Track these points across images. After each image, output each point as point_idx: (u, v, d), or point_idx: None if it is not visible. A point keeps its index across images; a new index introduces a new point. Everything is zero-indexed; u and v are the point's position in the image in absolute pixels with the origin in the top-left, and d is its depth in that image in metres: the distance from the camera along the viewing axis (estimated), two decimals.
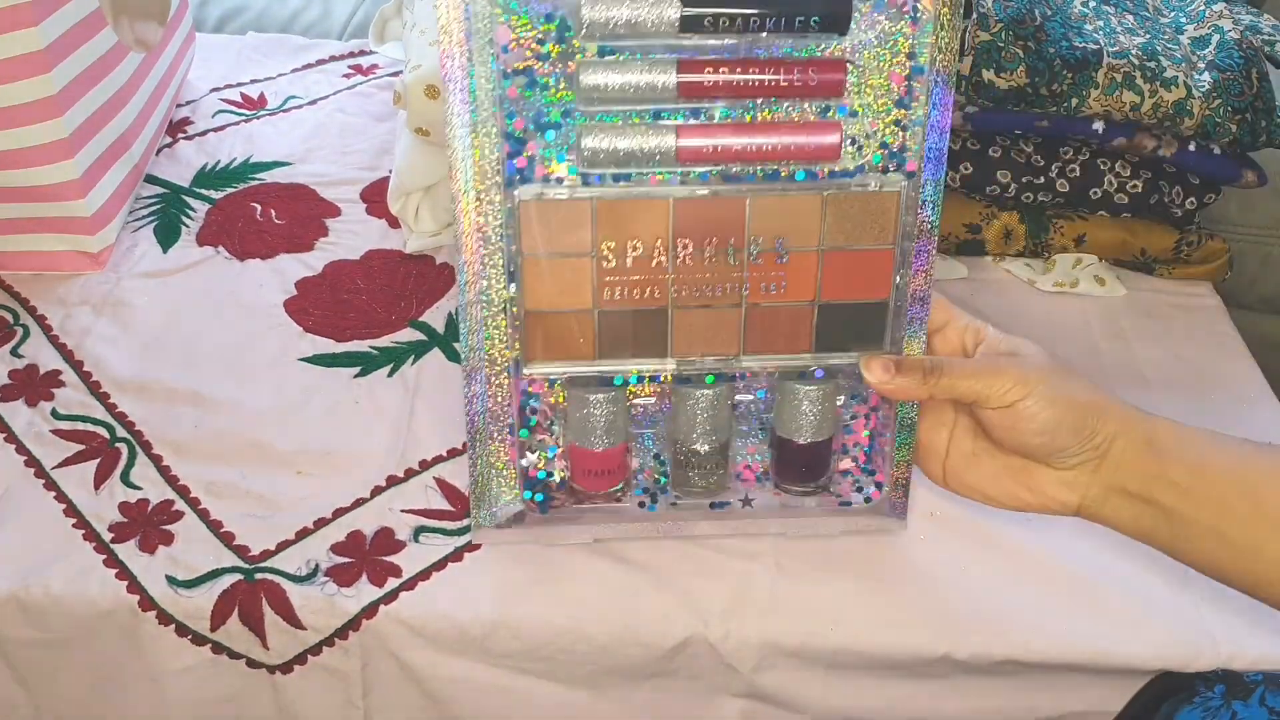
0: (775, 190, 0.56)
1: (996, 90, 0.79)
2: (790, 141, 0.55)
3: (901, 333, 0.59)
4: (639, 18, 0.52)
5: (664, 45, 0.53)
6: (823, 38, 0.54)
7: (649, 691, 0.64)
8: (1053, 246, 0.86)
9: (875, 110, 0.55)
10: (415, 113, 0.80)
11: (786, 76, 0.53)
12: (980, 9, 0.80)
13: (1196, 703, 0.61)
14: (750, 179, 0.56)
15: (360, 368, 0.77)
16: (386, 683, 0.64)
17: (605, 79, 0.53)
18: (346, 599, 0.62)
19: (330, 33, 1.21)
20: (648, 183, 0.56)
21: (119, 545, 0.64)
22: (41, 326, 0.78)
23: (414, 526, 0.66)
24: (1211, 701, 0.60)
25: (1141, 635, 0.62)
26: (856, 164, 0.56)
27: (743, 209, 0.56)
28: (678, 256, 0.57)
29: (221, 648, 0.63)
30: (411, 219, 0.86)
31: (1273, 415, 0.77)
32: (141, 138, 0.89)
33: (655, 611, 0.62)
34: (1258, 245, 0.96)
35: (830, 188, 0.56)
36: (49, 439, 0.70)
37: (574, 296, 0.58)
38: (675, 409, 0.61)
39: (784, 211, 0.57)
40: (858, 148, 0.56)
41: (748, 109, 0.55)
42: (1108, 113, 0.80)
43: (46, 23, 0.72)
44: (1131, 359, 0.81)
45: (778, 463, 0.63)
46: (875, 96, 0.55)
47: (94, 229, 0.81)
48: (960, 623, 0.62)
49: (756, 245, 0.57)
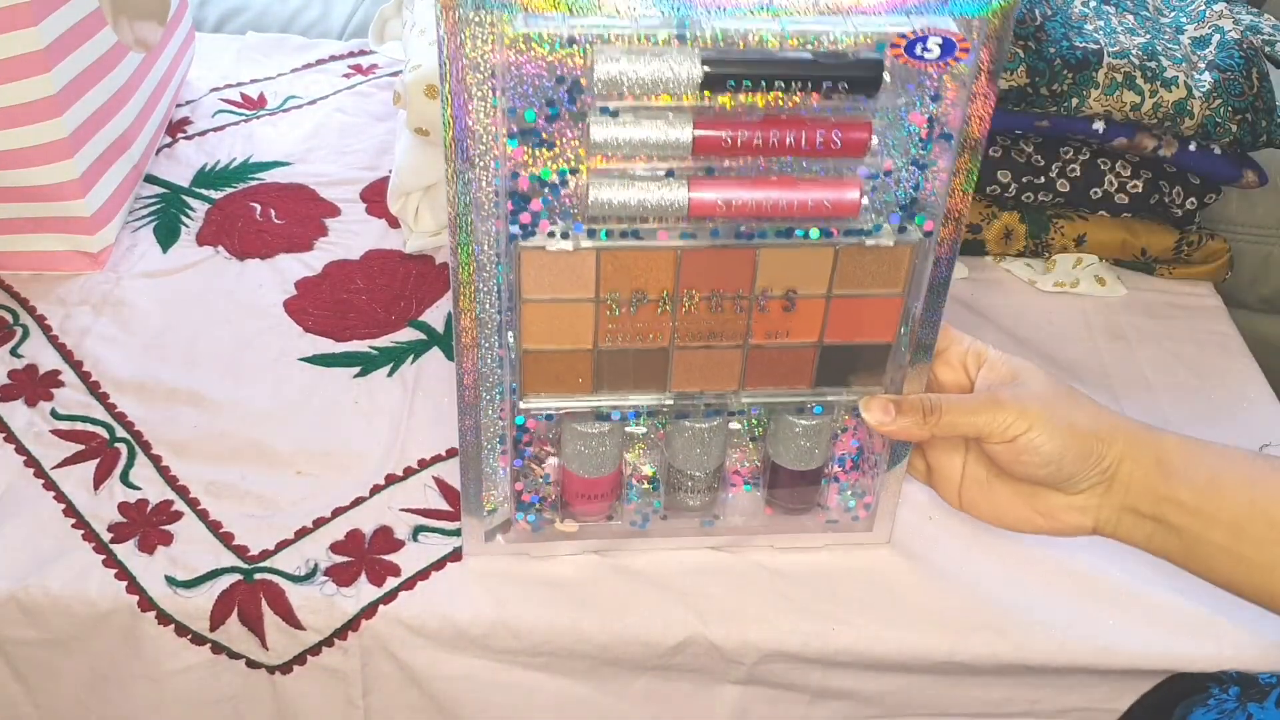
0: (788, 244, 0.54)
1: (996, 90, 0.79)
2: (809, 198, 0.52)
3: (903, 374, 0.59)
4: (660, 75, 0.48)
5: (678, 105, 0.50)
6: (849, 99, 0.50)
7: (648, 681, 0.64)
8: (1053, 246, 0.86)
9: (895, 170, 0.53)
10: (415, 112, 0.80)
11: (810, 135, 0.50)
12: None
13: (1211, 705, 0.61)
14: (763, 235, 0.53)
15: (360, 368, 0.77)
16: (386, 682, 0.64)
17: (618, 134, 0.50)
18: (346, 599, 0.62)
19: (330, 32, 1.21)
20: (655, 236, 0.53)
21: (118, 545, 0.64)
22: (41, 326, 0.78)
23: (413, 526, 0.66)
24: (1226, 704, 0.60)
25: (1145, 635, 0.62)
26: (874, 223, 0.54)
27: (752, 261, 0.54)
28: (682, 305, 0.55)
29: (221, 648, 0.63)
30: (411, 219, 0.86)
31: (1273, 415, 0.77)
32: (141, 138, 0.89)
33: (656, 611, 0.62)
34: (1258, 245, 0.96)
35: (844, 243, 0.54)
36: (48, 439, 0.70)
37: (574, 338, 0.56)
38: (671, 438, 0.61)
39: (795, 263, 0.55)
40: (876, 209, 0.54)
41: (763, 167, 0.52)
42: (1108, 113, 0.80)
43: (46, 23, 0.72)
44: (1131, 359, 0.81)
45: (770, 483, 0.64)
46: (896, 157, 0.53)
47: (94, 229, 0.81)
48: (962, 624, 0.62)
49: (765, 296, 0.56)
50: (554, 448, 0.61)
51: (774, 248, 0.54)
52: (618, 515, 0.64)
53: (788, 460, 0.62)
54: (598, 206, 0.51)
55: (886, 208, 0.54)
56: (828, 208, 0.52)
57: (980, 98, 0.51)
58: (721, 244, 0.53)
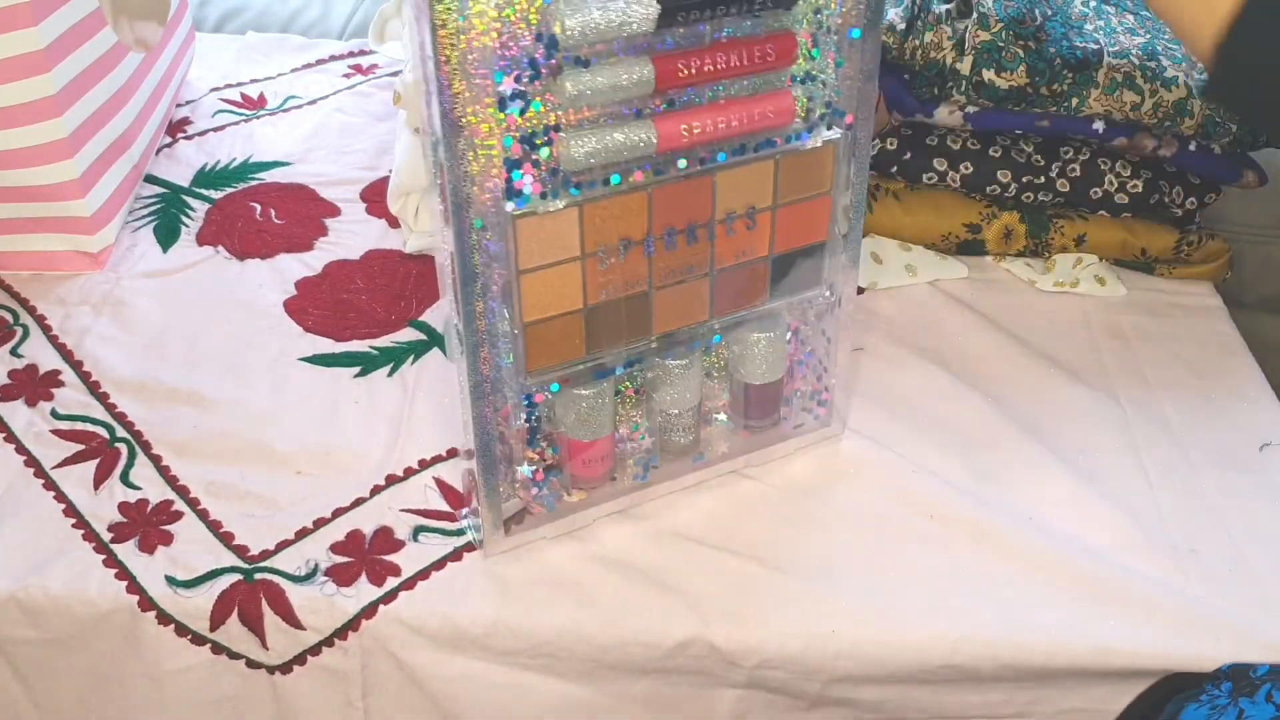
0: (739, 163, 0.60)
1: (997, 90, 0.79)
2: (754, 110, 0.58)
3: (839, 272, 0.66)
4: (618, 19, 0.53)
5: (634, 45, 0.55)
6: (770, 15, 0.57)
7: (648, 684, 0.64)
8: (1053, 246, 0.86)
9: (815, 72, 0.60)
10: (415, 112, 0.80)
11: (748, 55, 0.57)
12: (980, 9, 0.80)
13: (1203, 700, 0.61)
14: (721, 158, 0.59)
15: (360, 367, 0.77)
16: (386, 682, 0.64)
17: (589, 83, 0.54)
18: (346, 599, 0.62)
19: (330, 32, 1.21)
20: (630, 181, 0.58)
21: (118, 545, 0.64)
22: (41, 326, 0.78)
23: (413, 526, 0.66)
24: (1218, 699, 0.60)
25: (1144, 636, 0.62)
26: (807, 126, 0.61)
27: (711, 187, 0.60)
28: (660, 242, 0.60)
29: (221, 648, 0.63)
30: (411, 219, 0.86)
31: (1273, 415, 0.77)
32: (141, 138, 0.89)
33: (656, 612, 0.62)
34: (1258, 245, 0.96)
35: (784, 151, 0.61)
36: (48, 439, 0.70)
37: (566, 301, 0.59)
38: (655, 384, 0.65)
39: (746, 181, 0.60)
40: (807, 111, 0.61)
41: (710, 92, 0.58)
42: (1108, 113, 0.80)
43: (46, 23, 0.72)
44: (1131, 359, 0.81)
45: (745, 408, 0.69)
46: (812, 61, 0.60)
47: (94, 229, 0.81)
48: (962, 624, 0.62)
49: (731, 217, 0.61)
50: (550, 421, 0.63)
51: (727, 169, 0.60)
52: (619, 474, 0.67)
53: (755, 375, 0.67)
54: (579, 159, 0.55)
55: (814, 114, 0.61)
56: (770, 117, 0.59)
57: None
58: (685, 174, 0.59)
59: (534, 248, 0.57)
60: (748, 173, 0.60)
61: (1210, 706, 0.60)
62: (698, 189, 0.59)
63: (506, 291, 0.57)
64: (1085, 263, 0.86)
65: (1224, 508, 0.70)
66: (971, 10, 0.80)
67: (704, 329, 0.64)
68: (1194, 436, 0.74)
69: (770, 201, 0.62)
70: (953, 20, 0.81)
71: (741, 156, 0.60)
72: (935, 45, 0.80)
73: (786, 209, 0.62)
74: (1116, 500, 0.69)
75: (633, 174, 0.57)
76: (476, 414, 0.59)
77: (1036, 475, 0.71)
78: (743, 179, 0.60)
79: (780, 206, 0.62)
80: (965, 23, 0.79)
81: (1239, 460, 0.73)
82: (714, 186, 0.60)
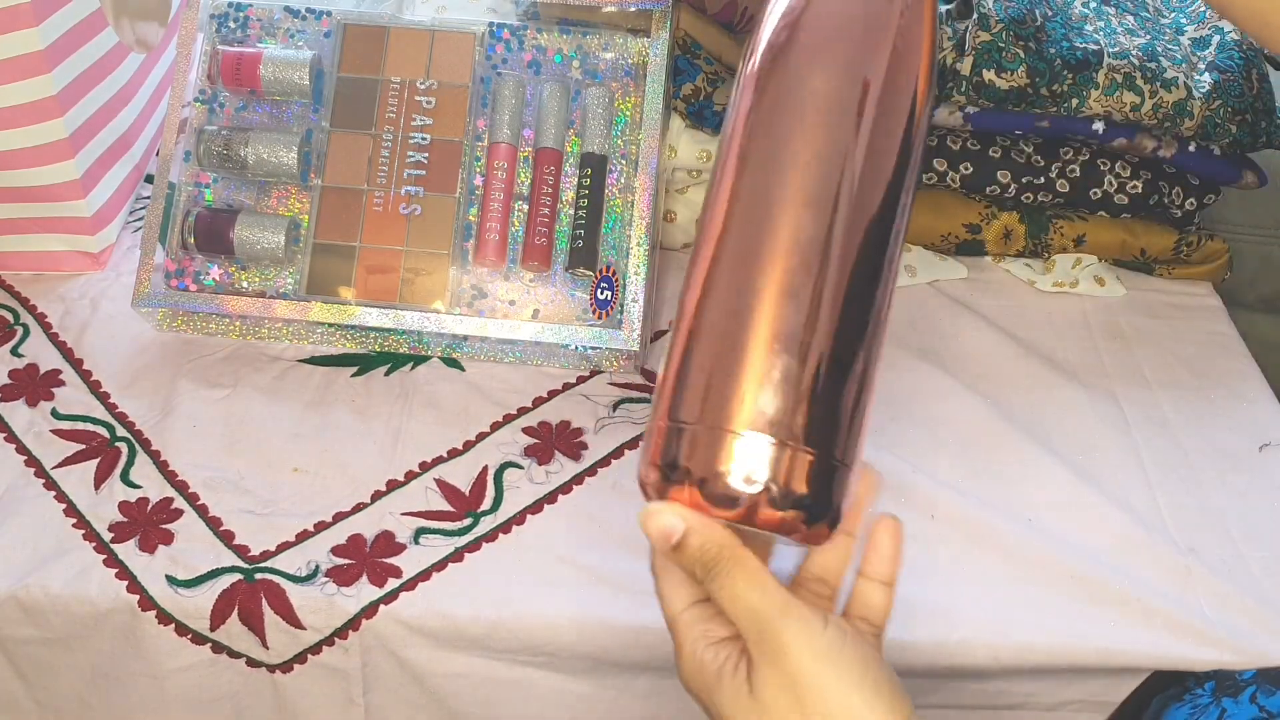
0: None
1: (997, 90, 0.79)
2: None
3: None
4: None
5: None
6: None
7: (649, 679, 0.64)
8: (1053, 246, 0.86)
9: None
10: None
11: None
12: (981, 9, 0.80)
13: (1186, 699, 0.61)
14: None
15: (357, 367, 0.77)
16: (386, 679, 0.64)
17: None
18: (346, 599, 0.62)
19: None
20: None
21: (119, 545, 0.64)
22: (42, 326, 0.78)
23: (414, 529, 0.66)
24: (1200, 699, 0.60)
25: (1144, 637, 0.62)
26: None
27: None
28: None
29: (221, 647, 0.63)
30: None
31: (1272, 415, 0.77)
32: (142, 138, 0.89)
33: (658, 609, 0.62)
34: (1258, 245, 0.96)
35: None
36: (49, 439, 0.71)
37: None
38: None
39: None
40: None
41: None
42: (1108, 113, 0.80)
43: (47, 23, 0.72)
44: (1131, 359, 0.81)
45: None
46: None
47: (94, 229, 0.81)
48: (961, 625, 0.62)
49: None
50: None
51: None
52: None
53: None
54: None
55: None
56: None
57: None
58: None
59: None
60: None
61: (1192, 705, 0.60)
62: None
63: None
64: (1084, 263, 0.86)
65: (1223, 508, 0.70)
66: (972, 11, 0.80)
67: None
68: (1193, 437, 0.74)
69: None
70: (953, 21, 0.81)
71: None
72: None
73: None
74: (1116, 500, 0.69)
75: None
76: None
77: (1036, 475, 0.71)
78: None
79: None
80: (965, 23, 0.79)
81: (1238, 460, 0.73)
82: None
